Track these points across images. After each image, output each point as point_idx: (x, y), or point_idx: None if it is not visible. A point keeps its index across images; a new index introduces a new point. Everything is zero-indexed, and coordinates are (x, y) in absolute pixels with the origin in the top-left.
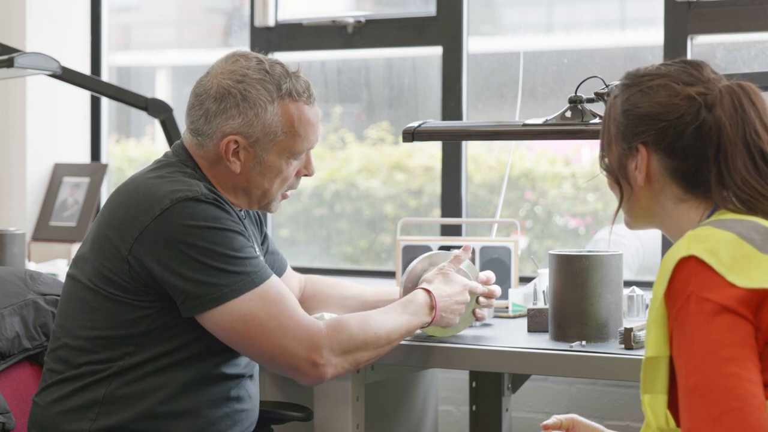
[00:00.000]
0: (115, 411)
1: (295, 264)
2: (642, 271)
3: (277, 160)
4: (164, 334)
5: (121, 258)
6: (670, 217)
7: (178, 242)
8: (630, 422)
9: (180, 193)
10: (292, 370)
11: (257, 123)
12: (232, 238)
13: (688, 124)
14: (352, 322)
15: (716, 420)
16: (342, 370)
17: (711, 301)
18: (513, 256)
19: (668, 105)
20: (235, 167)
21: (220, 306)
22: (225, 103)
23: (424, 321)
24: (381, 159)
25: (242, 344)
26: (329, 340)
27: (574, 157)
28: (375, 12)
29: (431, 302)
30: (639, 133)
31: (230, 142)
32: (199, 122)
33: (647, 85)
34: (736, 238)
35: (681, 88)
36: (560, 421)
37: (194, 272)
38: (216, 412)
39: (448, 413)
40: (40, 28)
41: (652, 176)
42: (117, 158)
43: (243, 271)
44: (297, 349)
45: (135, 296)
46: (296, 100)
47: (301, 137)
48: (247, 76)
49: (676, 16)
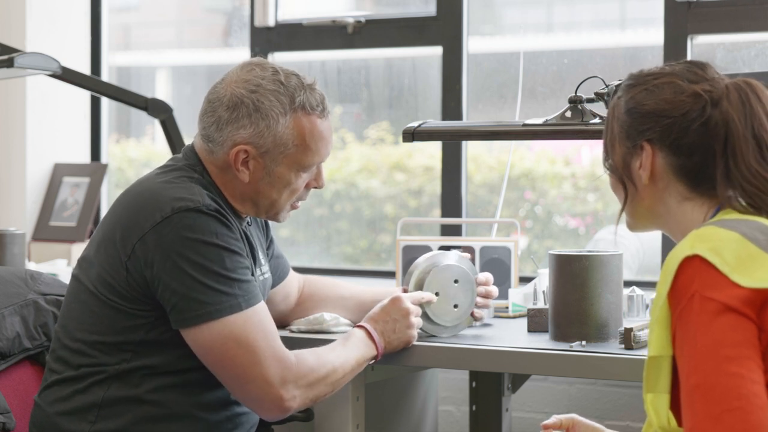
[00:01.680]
0: (115, 414)
1: (295, 264)
2: (642, 271)
3: (287, 173)
4: (161, 343)
5: (121, 264)
6: (674, 216)
7: (172, 252)
8: (630, 422)
9: (182, 202)
10: (256, 402)
11: (268, 134)
12: (226, 256)
13: (693, 121)
14: (309, 356)
15: (718, 419)
16: (302, 405)
17: (714, 301)
18: (513, 256)
19: (674, 102)
20: (244, 177)
21: (202, 324)
22: (237, 112)
23: (368, 352)
24: (381, 159)
25: (216, 365)
26: (297, 373)
27: (574, 157)
28: (375, 12)
29: (367, 334)
30: (644, 130)
31: (240, 151)
32: (211, 129)
33: (652, 83)
34: (740, 237)
35: (686, 85)
36: (560, 420)
37: (182, 286)
38: (216, 416)
39: (448, 413)
40: (40, 28)
41: (656, 174)
42: (117, 158)
43: (231, 293)
44: (270, 380)
45: (132, 305)
46: (309, 114)
47: (312, 151)
48: (261, 86)
49: (676, 16)
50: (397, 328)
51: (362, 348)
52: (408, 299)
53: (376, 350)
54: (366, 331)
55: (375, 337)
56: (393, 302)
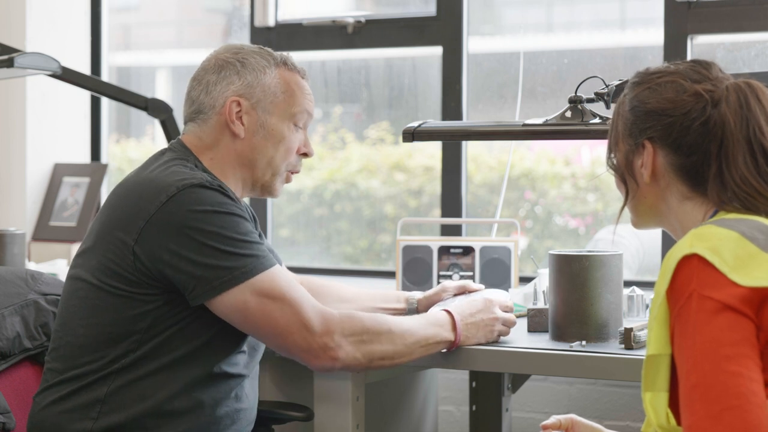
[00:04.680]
0: (117, 410)
1: (295, 264)
2: (642, 271)
3: (279, 124)
4: (166, 330)
5: (127, 249)
6: (675, 215)
7: (185, 228)
8: (630, 422)
9: (185, 180)
10: (303, 351)
11: (257, 84)
12: (239, 222)
13: (694, 120)
14: (365, 315)
15: (716, 418)
16: (354, 360)
17: (713, 300)
18: (513, 256)
19: (675, 101)
20: (240, 131)
21: (233, 288)
22: (225, 71)
23: (443, 334)
24: (381, 159)
25: (255, 325)
26: (341, 325)
27: (574, 157)
28: (375, 12)
29: (452, 321)
30: (646, 128)
31: (233, 103)
32: (200, 97)
33: (656, 82)
34: (739, 237)
35: (689, 84)
36: (559, 421)
37: (204, 257)
38: (218, 411)
39: (448, 413)
40: (40, 28)
41: (657, 173)
42: (117, 158)
43: (252, 254)
44: (312, 327)
45: (139, 289)
46: (292, 70)
47: (300, 100)
48: (243, 49)
49: (676, 16)
50: (480, 328)
51: (437, 328)
52: (498, 307)
53: (454, 336)
54: (450, 315)
55: (458, 323)
56: (485, 303)
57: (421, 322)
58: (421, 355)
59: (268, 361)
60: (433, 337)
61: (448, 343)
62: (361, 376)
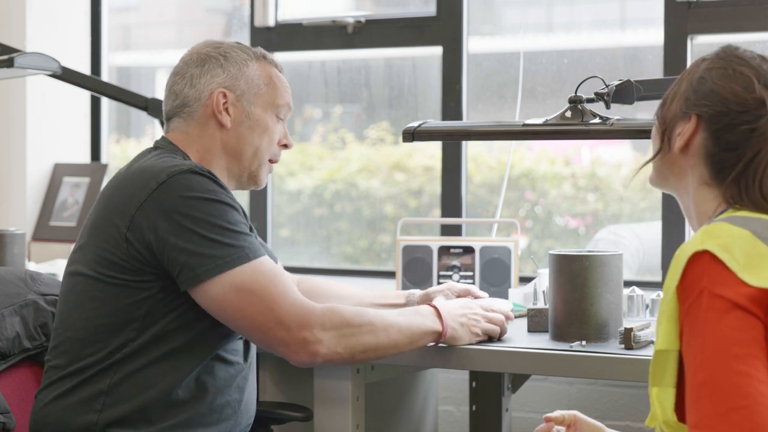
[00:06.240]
0: (121, 401)
1: (295, 264)
2: (642, 271)
3: (264, 114)
4: (163, 318)
5: (121, 237)
6: (690, 195)
7: (174, 212)
8: (630, 422)
9: (176, 167)
10: (282, 346)
11: (240, 76)
12: (227, 211)
13: (744, 122)
14: (346, 308)
15: (723, 417)
16: (335, 354)
17: (723, 298)
18: (513, 256)
19: (739, 96)
20: (227, 121)
21: (214, 278)
22: (207, 64)
23: (428, 324)
24: (381, 159)
25: (234, 318)
26: (321, 319)
27: (574, 157)
28: (375, 12)
29: (436, 312)
30: (700, 104)
31: (219, 94)
32: (184, 91)
33: (733, 68)
34: (750, 235)
35: (759, 87)
36: (563, 416)
37: (189, 243)
38: (220, 399)
39: (448, 413)
40: (40, 28)
41: (690, 148)
42: (117, 158)
43: (237, 245)
44: (288, 323)
45: (135, 276)
46: (270, 64)
47: (282, 92)
48: (223, 44)
49: (676, 16)
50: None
51: (421, 318)
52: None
53: (441, 325)
54: (433, 307)
55: (442, 313)
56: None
57: (404, 313)
58: (409, 347)
59: (268, 362)
60: (418, 327)
61: (435, 333)
62: (361, 376)
